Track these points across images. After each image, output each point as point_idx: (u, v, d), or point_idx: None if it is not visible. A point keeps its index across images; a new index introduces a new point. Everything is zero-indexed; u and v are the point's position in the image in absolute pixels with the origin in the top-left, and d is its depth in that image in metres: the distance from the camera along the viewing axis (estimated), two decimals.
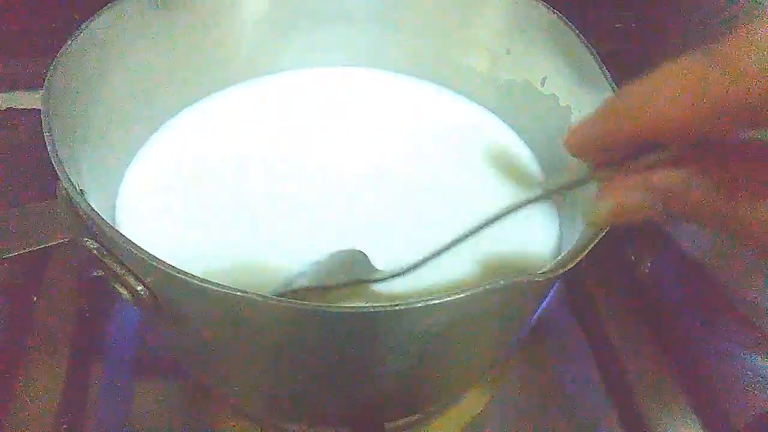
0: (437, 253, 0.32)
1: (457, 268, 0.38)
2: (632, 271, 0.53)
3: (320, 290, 0.33)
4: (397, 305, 0.25)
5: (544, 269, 0.28)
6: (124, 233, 0.38)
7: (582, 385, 0.49)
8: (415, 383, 0.35)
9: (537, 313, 0.43)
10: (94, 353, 0.46)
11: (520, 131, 0.48)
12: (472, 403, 0.46)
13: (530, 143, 0.47)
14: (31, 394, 0.42)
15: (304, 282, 0.33)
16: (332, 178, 0.43)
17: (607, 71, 0.38)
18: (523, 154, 0.47)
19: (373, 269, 0.34)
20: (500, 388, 0.47)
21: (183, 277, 0.25)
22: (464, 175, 0.45)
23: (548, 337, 0.51)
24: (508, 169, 0.46)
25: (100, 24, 0.37)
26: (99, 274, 0.31)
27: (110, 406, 0.45)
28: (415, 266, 0.32)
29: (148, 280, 0.29)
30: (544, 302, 0.47)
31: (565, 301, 0.53)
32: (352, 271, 0.34)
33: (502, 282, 0.27)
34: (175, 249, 0.38)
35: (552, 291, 0.51)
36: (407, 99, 0.50)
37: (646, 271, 0.53)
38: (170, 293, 0.29)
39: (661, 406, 0.45)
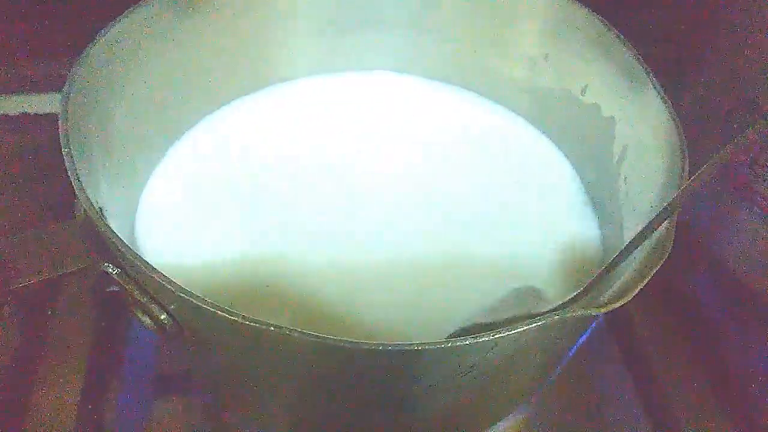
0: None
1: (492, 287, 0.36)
2: (671, 286, 0.51)
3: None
4: (443, 342, 0.24)
5: (601, 302, 0.26)
6: (143, 249, 0.37)
7: (618, 404, 0.47)
8: (451, 416, 0.33)
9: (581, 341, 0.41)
10: (110, 369, 0.45)
11: (558, 142, 0.46)
12: (506, 425, 0.44)
13: (569, 155, 0.45)
14: (47, 411, 0.40)
15: (482, 318, 0.34)
16: (363, 187, 0.41)
17: (655, 79, 0.36)
18: (561, 166, 0.44)
19: (544, 302, 0.35)
20: (534, 408, 0.45)
21: (213, 310, 0.23)
22: (497, 186, 0.43)
23: (584, 354, 0.49)
24: (545, 181, 0.44)
25: (122, 28, 0.35)
26: (115, 289, 0.29)
27: (127, 423, 0.43)
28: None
29: (172, 308, 0.27)
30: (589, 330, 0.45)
31: (602, 317, 0.50)
32: (524, 303, 0.35)
33: (557, 316, 0.25)
34: (195, 266, 0.36)
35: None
36: (440, 106, 0.48)
37: (686, 286, 0.51)
38: (197, 323, 0.27)
39: (700, 427, 0.43)
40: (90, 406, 0.42)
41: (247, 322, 0.23)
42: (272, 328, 0.23)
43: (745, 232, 0.46)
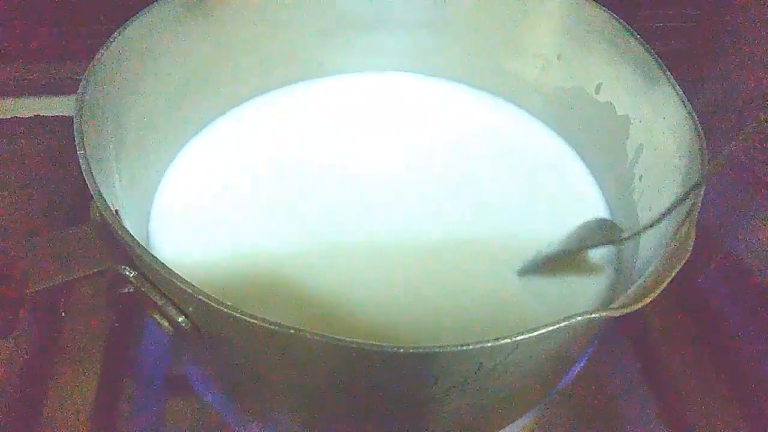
0: None
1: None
2: (685, 283, 0.50)
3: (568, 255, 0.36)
4: (464, 345, 0.23)
5: (622, 302, 0.25)
6: (159, 250, 0.37)
7: (631, 405, 0.46)
8: (467, 417, 0.33)
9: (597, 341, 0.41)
10: (124, 370, 0.45)
11: (572, 141, 0.45)
12: (519, 426, 0.44)
13: (583, 154, 0.45)
14: (62, 412, 0.40)
15: (553, 250, 0.36)
16: (375, 188, 0.41)
17: (670, 75, 0.35)
18: (575, 165, 0.44)
19: (620, 231, 0.35)
20: (546, 409, 0.45)
21: (234, 313, 0.23)
22: (509, 185, 0.42)
23: (597, 354, 0.48)
24: (559, 180, 0.43)
25: (133, 31, 0.35)
26: (129, 290, 0.29)
27: (140, 424, 0.43)
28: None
29: (190, 310, 0.27)
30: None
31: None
32: (600, 234, 0.35)
33: (579, 318, 0.24)
34: (208, 266, 0.36)
35: None
36: (451, 105, 0.48)
37: (700, 282, 0.51)
38: (215, 325, 0.27)
39: (716, 429, 0.43)
40: (104, 407, 0.42)
41: (269, 326, 0.23)
42: (292, 331, 0.23)
43: (760, 228, 0.45)
